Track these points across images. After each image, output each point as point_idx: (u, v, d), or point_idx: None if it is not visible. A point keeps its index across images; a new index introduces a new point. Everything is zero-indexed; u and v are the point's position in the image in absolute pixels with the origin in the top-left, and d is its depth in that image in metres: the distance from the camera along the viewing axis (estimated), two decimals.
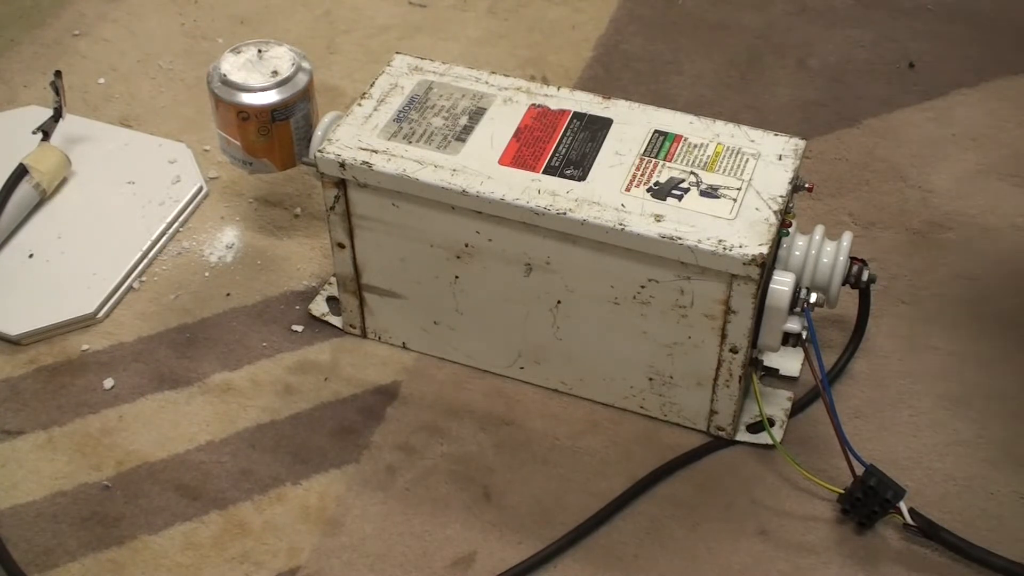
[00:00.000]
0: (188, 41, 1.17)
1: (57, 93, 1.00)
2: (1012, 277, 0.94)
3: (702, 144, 0.79)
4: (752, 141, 0.80)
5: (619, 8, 1.20)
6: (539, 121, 0.81)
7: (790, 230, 0.78)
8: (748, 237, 0.73)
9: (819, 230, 0.80)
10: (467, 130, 0.81)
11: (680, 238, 0.73)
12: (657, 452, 0.82)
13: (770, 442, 0.80)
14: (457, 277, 0.82)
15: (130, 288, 0.94)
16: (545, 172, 0.78)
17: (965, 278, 0.93)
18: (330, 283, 0.93)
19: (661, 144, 0.79)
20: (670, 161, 0.78)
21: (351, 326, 0.90)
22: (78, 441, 0.83)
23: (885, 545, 0.77)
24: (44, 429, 0.84)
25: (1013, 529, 0.78)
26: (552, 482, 0.81)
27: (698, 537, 0.78)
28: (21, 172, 0.96)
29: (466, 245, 0.80)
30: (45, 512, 0.79)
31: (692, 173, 0.77)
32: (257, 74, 0.86)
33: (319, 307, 0.92)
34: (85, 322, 0.90)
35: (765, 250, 0.72)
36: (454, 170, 0.78)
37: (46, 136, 1.00)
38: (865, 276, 0.81)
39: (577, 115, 0.82)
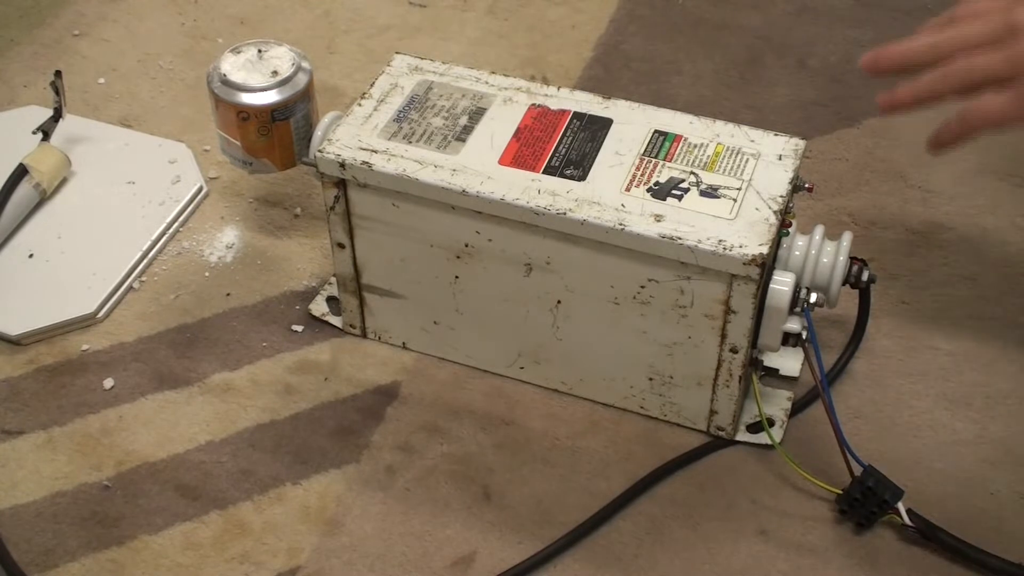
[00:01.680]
0: (188, 41, 1.17)
1: (57, 93, 1.00)
2: (1012, 277, 0.94)
3: (702, 144, 0.79)
4: (752, 141, 0.80)
5: (619, 8, 1.20)
6: (539, 121, 0.81)
7: (790, 230, 0.78)
8: (748, 237, 0.73)
9: (819, 230, 0.80)
10: (467, 130, 0.81)
11: (680, 238, 0.73)
12: (657, 452, 0.82)
13: (770, 442, 0.80)
14: (457, 277, 0.82)
15: (130, 288, 0.94)
16: (545, 172, 0.78)
17: (965, 278, 0.93)
18: (330, 283, 0.93)
19: (661, 144, 0.79)
20: (670, 161, 0.78)
21: (351, 326, 0.90)
22: (78, 441, 0.83)
23: (884, 545, 0.77)
24: (44, 429, 0.84)
25: (1013, 529, 0.78)
26: (552, 482, 0.81)
27: (698, 537, 0.78)
28: (21, 172, 0.96)
29: (466, 245, 0.80)
30: (45, 512, 0.79)
31: (692, 173, 0.77)
32: (257, 74, 0.86)
33: (319, 307, 0.92)
34: (85, 322, 0.91)
35: (765, 250, 0.72)
36: (454, 170, 0.78)
37: (46, 136, 1.00)
38: (865, 276, 0.81)
39: (577, 115, 0.82)
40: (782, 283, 0.75)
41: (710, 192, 0.76)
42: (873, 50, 0.76)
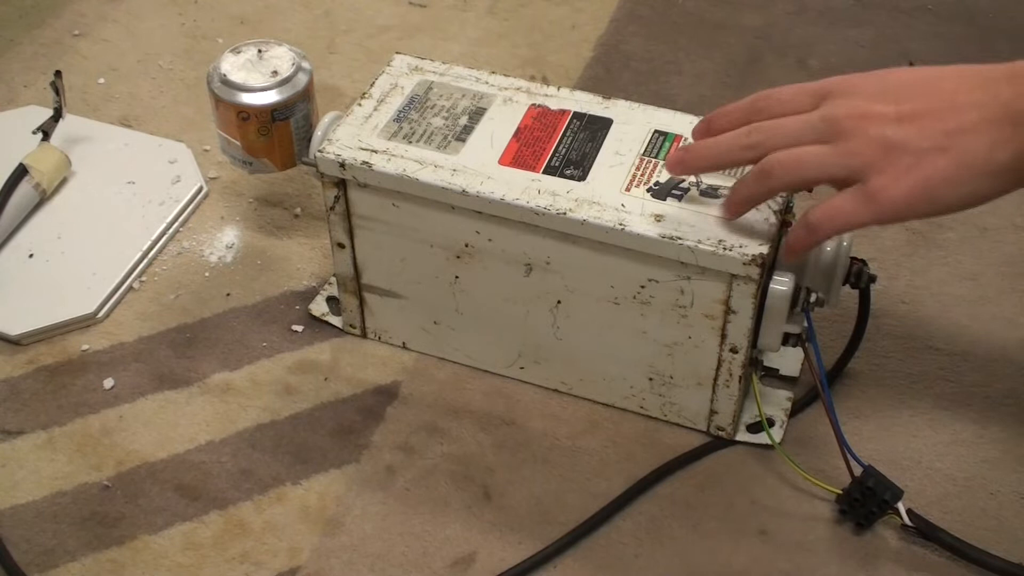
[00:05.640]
0: (188, 41, 1.17)
1: (57, 93, 1.00)
2: (1012, 277, 0.94)
3: None
4: None
5: (619, 8, 1.20)
6: (539, 121, 0.81)
7: (790, 230, 0.78)
8: (748, 237, 0.73)
9: None
10: (467, 130, 0.81)
11: (680, 238, 0.73)
12: (657, 452, 0.82)
13: (770, 442, 0.80)
14: (457, 277, 0.82)
15: (130, 288, 0.94)
16: (545, 172, 0.78)
17: (965, 278, 0.94)
18: (330, 283, 0.93)
19: (661, 144, 0.79)
20: None
21: (351, 326, 0.90)
22: (78, 441, 0.83)
23: (884, 545, 0.77)
24: (44, 429, 0.84)
25: (1013, 529, 0.78)
26: (552, 482, 0.81)
27: (698, 537, 0.78)
28: (21, 172, 0.96)
29: (466, 245, 0.80)
30: (45, 512, 0.79)
31: None
32: (257, 74, 0.86)
33: (319, 307, 0.92)
34: (85, 322, 0.90)
35: (765, 250, 0.72)
36: (454, 170, 0.78)
37: (46, 136, 1.00)
38: (865, 276, 0.81)
39: (577, 115, 0.82)
40: (782, 283, 0.75)
41: (710, 192, 0.76)
42: (680, 151, 0.73)
